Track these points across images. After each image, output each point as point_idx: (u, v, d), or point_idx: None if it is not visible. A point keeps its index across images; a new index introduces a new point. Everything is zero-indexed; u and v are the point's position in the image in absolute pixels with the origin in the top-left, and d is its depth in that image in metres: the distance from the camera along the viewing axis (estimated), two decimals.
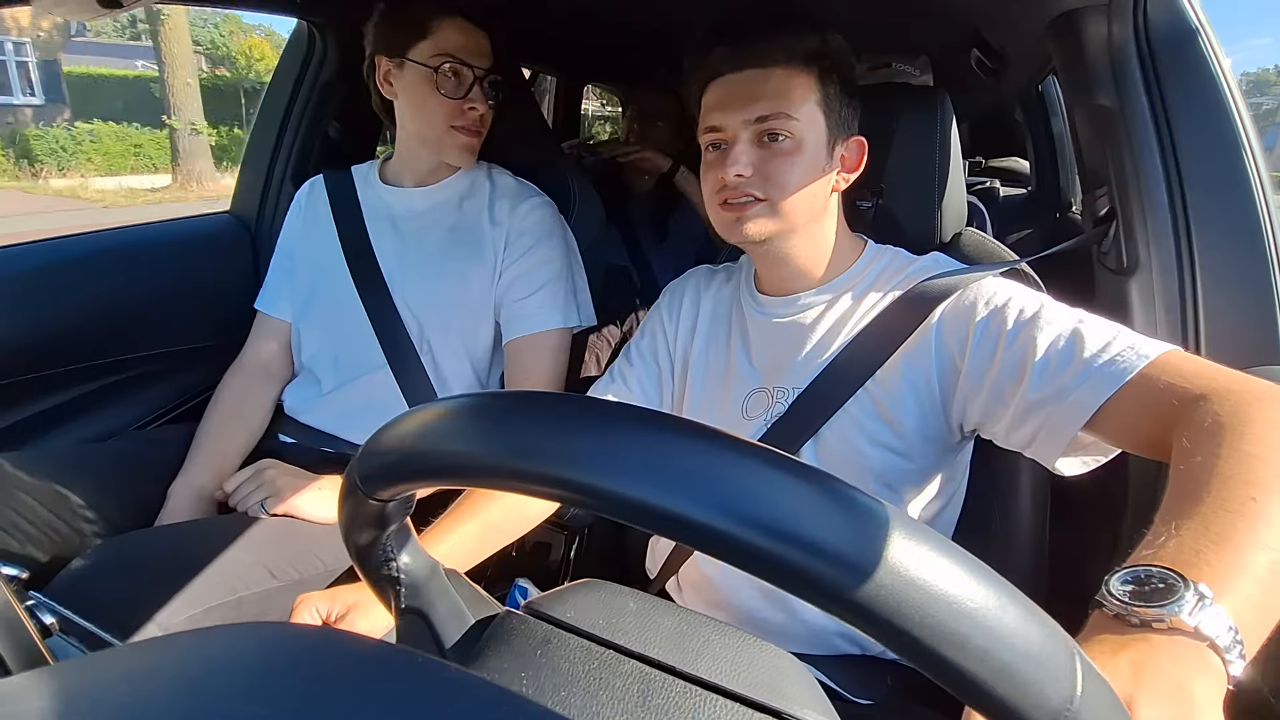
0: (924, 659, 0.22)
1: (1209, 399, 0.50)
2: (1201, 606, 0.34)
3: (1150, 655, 0.33)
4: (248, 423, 1.04)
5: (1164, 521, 0.42)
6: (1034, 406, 0.60)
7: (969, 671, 0.22)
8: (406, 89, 0.99)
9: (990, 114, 2.86)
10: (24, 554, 0.83)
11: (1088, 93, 0.84)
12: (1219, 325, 0.75)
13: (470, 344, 1.04)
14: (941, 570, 0.22)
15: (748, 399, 0.77)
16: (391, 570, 0.38)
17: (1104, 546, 0.83)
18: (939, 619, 0.21)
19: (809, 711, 0.33)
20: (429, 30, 0.96)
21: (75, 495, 0.88)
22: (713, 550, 0.23)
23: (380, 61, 0.99)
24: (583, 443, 0.25)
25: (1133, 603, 0.36)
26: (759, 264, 0.81)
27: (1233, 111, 0.75)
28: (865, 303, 0.74)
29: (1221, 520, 0.40)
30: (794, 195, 0.70)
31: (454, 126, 0.99)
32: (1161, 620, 0.34)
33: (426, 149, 1.04)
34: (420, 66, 0.96)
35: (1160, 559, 0.38)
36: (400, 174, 1.08)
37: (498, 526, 0.72)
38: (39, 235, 1.19)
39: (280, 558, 0.82)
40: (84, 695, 0.22)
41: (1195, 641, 0.34)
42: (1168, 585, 0.36)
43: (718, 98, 0.72)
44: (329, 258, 1.05)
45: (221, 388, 1.07)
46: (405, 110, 1.01)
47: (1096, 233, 0.89)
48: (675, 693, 0.33)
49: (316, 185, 1.13)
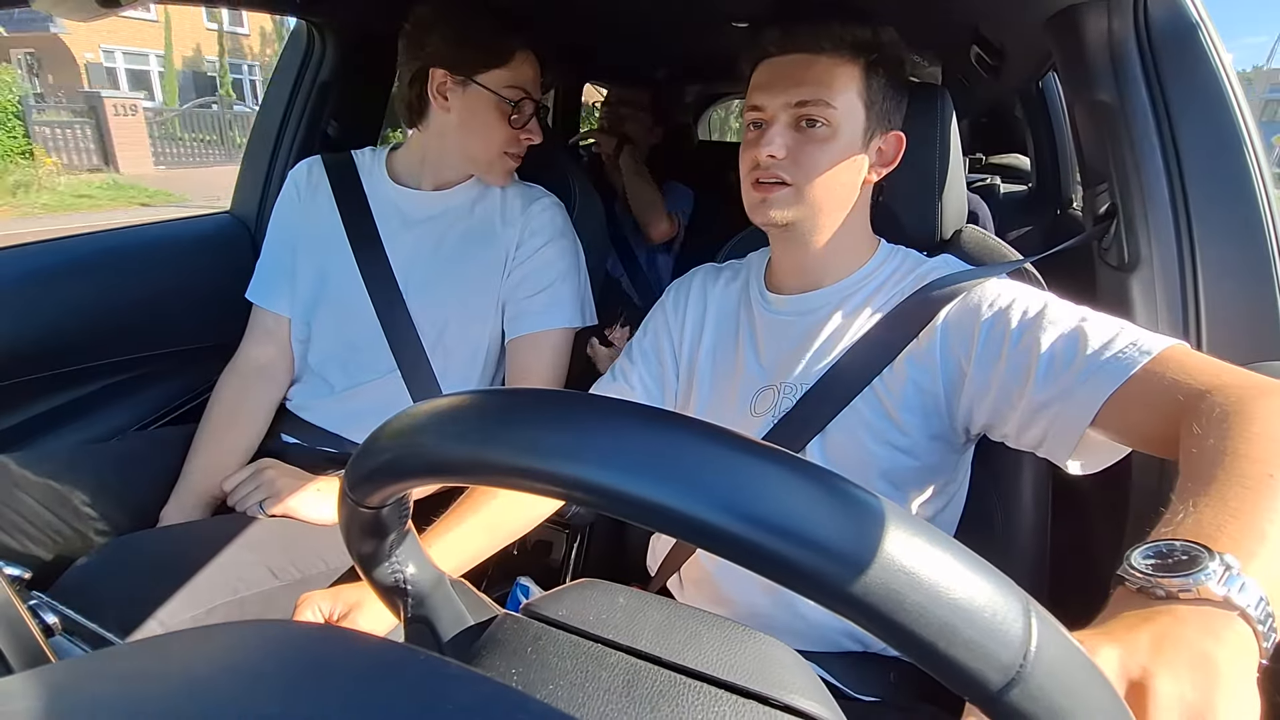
0: (875, 623, 0.22)
1: (1213, 394, 0.50)
2: (1229, 576, 0.33)
3: (1173, 627, 0.32)
4: (247, 426, 1.02)
5: (1180, 500, 0.41)
6: (1041, 406, 0.60)
7: (910, 630, 0.21)
8: (468, 109, 0.97)
9: (990, 110, 2.86)
10: (26, 554, 0.83)
11: (1088, 89, 0.84)
12: (1220, 321, 0.74)
13: (479, 345, 1.04)
14: (881, 531, 0.22)
15: (755, 396, 0.77)
16: (398, 581, 0.39)
17: (1107, 544, 0.83)
18: (877, 578, 0.21)
19: (795, 696, 0.33)
20: (508, 60, 0.96)
21: (77, 495, 0.88)
22: (700, 541, 0.23)
23: (436, 73, 0.96)
24: (566, 437, 0.25)
25: (1157, 574, 0.34)
26: (777, 251, 0.81)
27: (1234, 107, 0.75)
28: (874, 303, 0.75)
29: (1240, 495, 0.39)
30: (821, 182, 0.71)
31: (506, 152, 1.00)
32: (1188, 589, 0.33)
33: (475, 167, 1.03)
34: (490, 93, 0.96)
35: (1181, 534, 0.37)
36: (418, 177, 1.05)
37: (499, 525, 0.72)
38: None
39: (282, 557, 0.82)
40: (86, 693, 0.22)
41: (1225, 611, 0.33)
42: (1192, 556, 0.34)
43: (763, 79, 0.73)
44: (336, 255, 1.03)
45: (218, 390, 1.04)
46: (458, 126, 0.99)
47: (1097, 229, 0.89)
48: (660, 682, 0.33)
49: (315, 169, 1.08)
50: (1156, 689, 0.30)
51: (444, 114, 0.99)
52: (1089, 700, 0.22)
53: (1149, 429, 0.55)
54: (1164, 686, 0.30)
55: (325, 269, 1.04)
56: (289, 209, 1.09)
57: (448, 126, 1.00)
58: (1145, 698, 0.30)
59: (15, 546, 0.83)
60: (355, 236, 1.03)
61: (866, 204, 0.78)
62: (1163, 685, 0.30)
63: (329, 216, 1.04)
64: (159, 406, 1.21)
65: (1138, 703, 0.30)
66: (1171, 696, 0.30)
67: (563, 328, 1.03)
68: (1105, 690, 0.23)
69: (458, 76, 0.96)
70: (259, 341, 1.07)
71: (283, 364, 1.07)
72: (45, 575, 0.76)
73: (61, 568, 0.79)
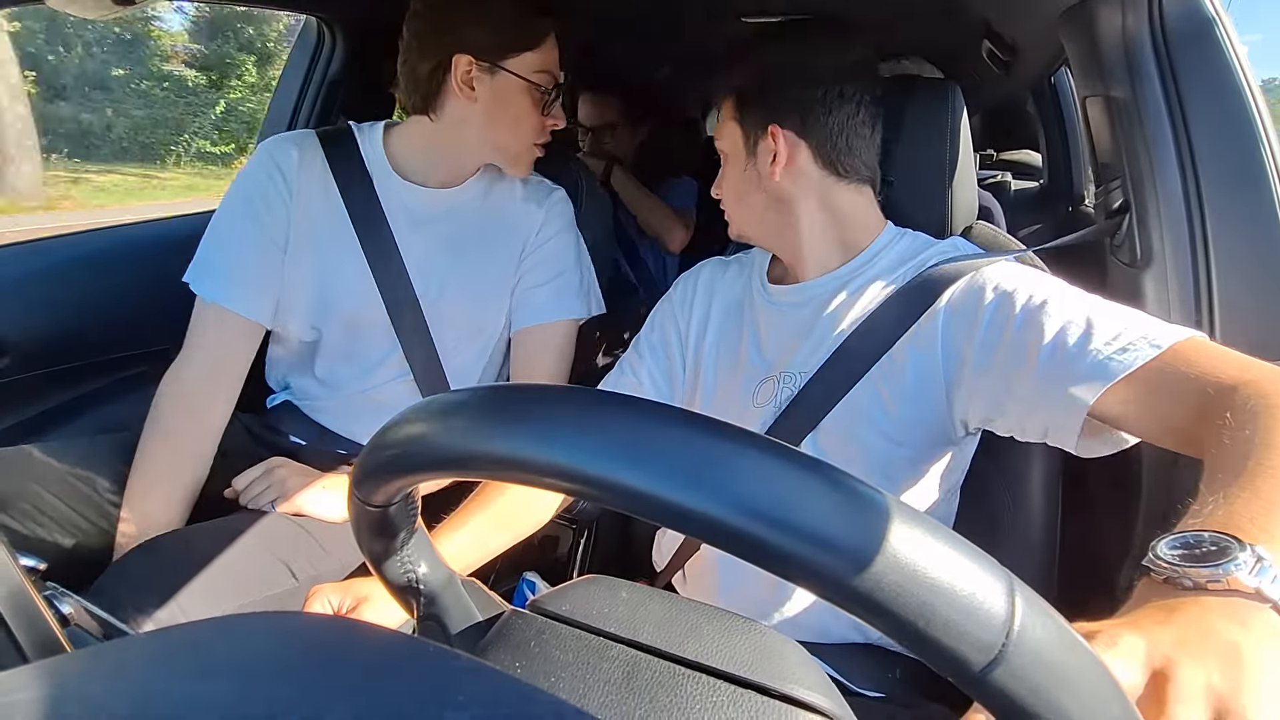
0: (854, 604, 0.22)
1: (1244, 387, 0.49)
2: (1261, 568, 0.32)
3: (1200, 616, 0.31)
4: (196, 463, 0.90)
5: (1210, 491, 0.40)
6: (1042, 393, 0.59)
7: (890, 610, 0.21)
8: (496, 97, 0.91)
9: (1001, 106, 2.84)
10: (41, 544, 0.84)
11: (1101, 84, 0.83)
12: (1234, 318, 0.74)
13: (490, 341, 1.04)
14: (864, 514, 0.22)
15: (758, 388, 0.77)
16: (410, 581, 0.39)
17: (1117, 538, 0.83)
18: (863, 563, 0.21)
19: (796, 686, 0.34)
20: (539, 42, 0.91)
21: (90, 486, 0.89)
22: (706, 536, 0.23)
23: (460, 61, 0.89)
24: (566, 430, 0.25)
25: (1184, 565, 0.34)
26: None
27: (1250, 103, 0.74)
28: (875, 287, 0.74)
29: (1275, 487, 0.38)
30: (730, 202, 0.82)
31: (535, 143, 0.97)
32: (1217, 580, 0.32)
33: (496, 157, 0.97)
34: (519, 79, 0.91)
35: (1210, 525, 0.36)
36: (423, 170, 0.98)
37: (508, 523, 0.73)
38: None
39: (300, 556, 0.83)
40: (100, 682, 0.22)
41: (1255, 603, 0.32)
42: (1221, 548, 0.34)
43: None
44: (343, 255, 0.95)
45: (162, 414, 0.89)
46: (483, 116, 0.93)
47: (1109, 225, 0.88)
48: (660, 673, 0.34)
49: (307, 148, 0.96)
50: (1180, 676, 0.29)
51: (467, 104, 0.92)
52: (1078, 681, 0.22)
53: (1172, 420, 0.54)
54: (1188, 674, 0.29)
55: (331, 270, 0.96)
56: (272, 196, 0.94)
57: (470, 116, 0.93)
58: (1168, 685, 0.29)
59: (31, 536, 0.83)
60: (366, 236, 0.95)
61: (814, 198, 0.76)
62: (1187, 673, 0.29)
63: (329, 208, 0.95)
64: None
65: (1161, 691, 0.29)
66: (1196, 684, 0.29)
67: (568, 320, 1.03)
68: (1096, 671, 0.23)
69: (484, 63, 0.90)
70: (227, 351, 0.93)
71: (237, 377, 0.94)
72: (63, 565, 0.77)
73: (76, 557, 0.80)
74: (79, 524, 0.87)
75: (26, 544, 0.83)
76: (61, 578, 0.45)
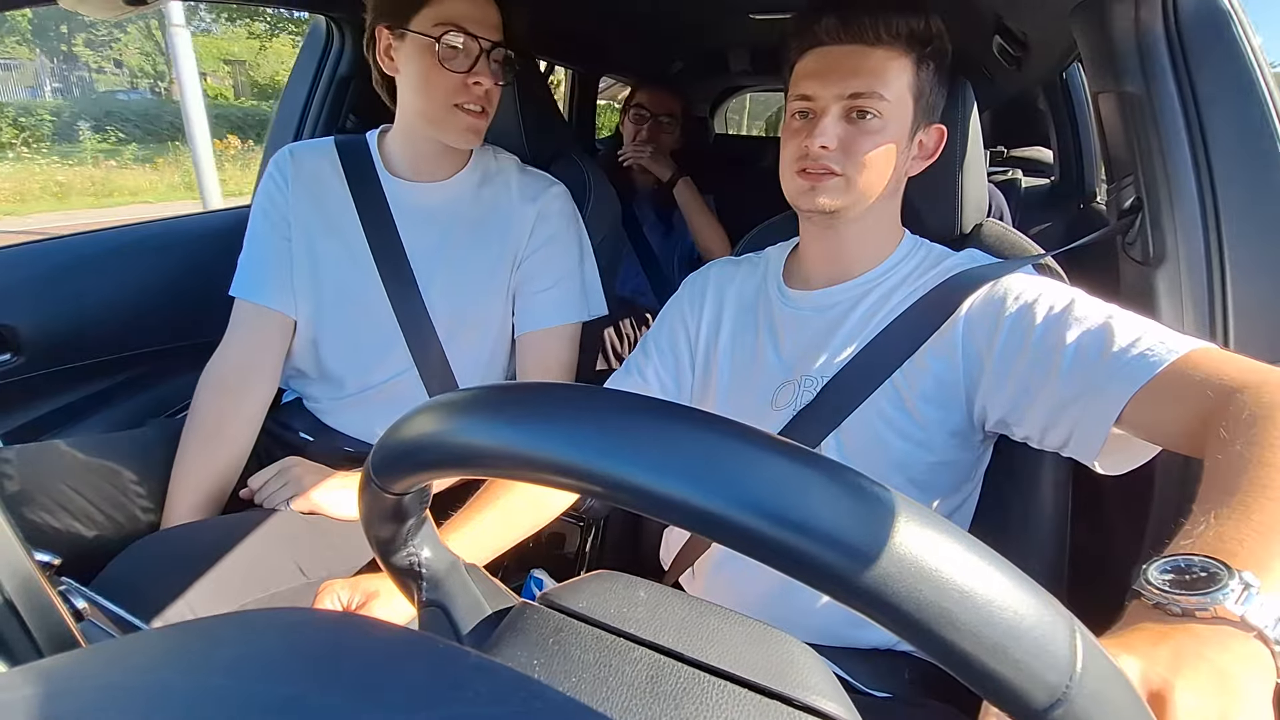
0: (921, 638, 0.22)
1: (1244, 392, 0.49)
2: (1248, 595, 0.33)
3: (1192, 644, 0.32)
4: (232, 446, 0.95)
5: (1202, 510, 0.41)
6: (1067, 402, 0.60)
7: (961, 649, 0.21)
8: (407, 62, 0.91)
9: (1012, 102, 2.81)
10: (60, 536, 0.85)
11: (1114, 80, 0.82)
12: (1248, 318, 0.73)
13: (493, 338, 1.04)
14: (933, 549, 0.22)
15: (777, 391, 0.77)
16: (413, 565, 0.39)
17: (1128, 542, 0.82)
18: (927, 596, 0.21)
19: (817, 697, 0.33)
20: None
21: (111, 481, 0.90)
22: (718, 536, 0.23)
23: (381, 33, 0.91)
24: (588, 431, 0.25)
25: (1174, 591, 0.34)
26: (809, 238, 0.80)
27: (1266, 99, 0.73)
28: (896, 296, 0.74)
29: (1265, 508, 0.38)
30: (869, 174, 0.71)
31: (457, 105, 0.91)
32: (1205, 609, 0.33)
33: (430, 129, 0.95)
34: (421, 37, 0.88)
35: (1200, 548, 0.37)
36: (409, 166, 1.00)
37: (516, 519, 0.73)
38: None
39: (311, 555, 0.84)
40: (111, 676, 0.22)
41: (1241, 631, 0.33)
42: (1210, 574, 0.34)
43: (814, 67, 0.72)
44: (348, 250, 0.98)
45: (199, 401, 0.95)
46: (406, 86, 0.93)
47: (1122, 224, 0.87)
48: (684, 679, 0.33)
49: (318, 153, 1.01)
50: (1178, 701, 0.30)
51: (399, 80, 0.93)
52: (1128, 717, 0.23)
53: (1180, 426, 0.54)
54: (1185, 699, 0.30)
55: (334, 264, 0.99)
56: (288, 193, 1.00)
57: (405, 92, 0.93)
58: (1166, 708, 0.30)
59: (50, 529, 0.84)
60: (372, 231, 0.98)
61: (900, 195, 0.78)
62: (1184, 698, 0.30)
63: (338, 206, 0.99)
64: (185, 396, 1.23)
65: (1158, 713, 0.30)
66: (1192, 709, 0.30)
67: (572, 322, 1.03)
68: (1138, 708, 0.23)
69: (395, 30, 0.90)
70: (255, 346, 0.98)
71: (271, 368, 0.99)
72: (81, 559, 0.77)
73: (90, 552, 0.81)
74: (97, 517, 0.88)
75: (45, 537, 0.84)
76: (79, 570, 0.46)
